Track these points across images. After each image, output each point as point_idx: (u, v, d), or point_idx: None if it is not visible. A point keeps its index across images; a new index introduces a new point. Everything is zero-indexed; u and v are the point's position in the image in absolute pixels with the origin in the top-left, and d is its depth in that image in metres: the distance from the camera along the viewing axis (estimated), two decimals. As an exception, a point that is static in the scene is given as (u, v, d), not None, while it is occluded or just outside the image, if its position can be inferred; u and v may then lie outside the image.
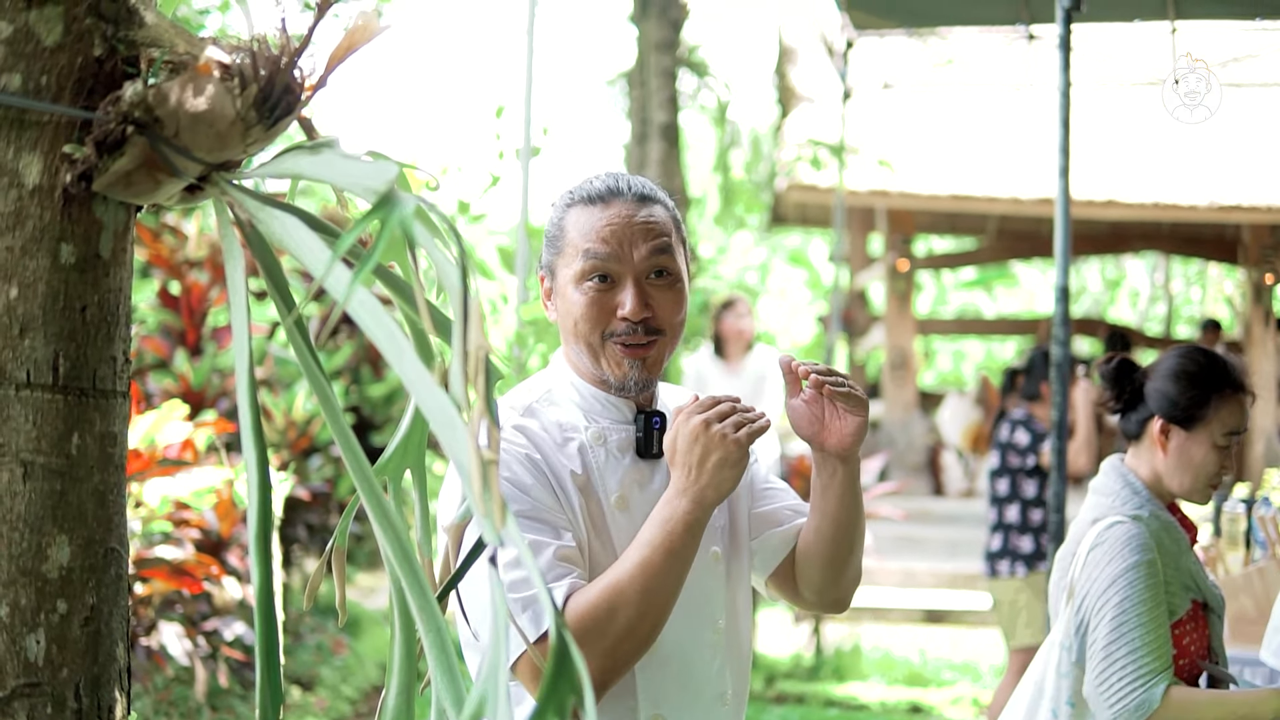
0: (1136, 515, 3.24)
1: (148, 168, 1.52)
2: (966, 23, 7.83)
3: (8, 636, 1.48)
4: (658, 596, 2.19)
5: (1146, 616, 3.12)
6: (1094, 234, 14.95)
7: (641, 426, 2.42)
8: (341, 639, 8.33)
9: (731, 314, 9.27)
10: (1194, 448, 3.29)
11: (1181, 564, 3.24)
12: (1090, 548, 3.24)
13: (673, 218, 2.44)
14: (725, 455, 2.20)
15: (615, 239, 2.34)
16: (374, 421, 9.01)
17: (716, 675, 2.42)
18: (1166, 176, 12.75)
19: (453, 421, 1.29)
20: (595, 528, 2.34)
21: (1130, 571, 3.15)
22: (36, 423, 1.50)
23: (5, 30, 1.48)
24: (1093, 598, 3.19)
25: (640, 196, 2.39)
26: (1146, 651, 3.10)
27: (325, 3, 1.54)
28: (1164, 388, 3.32)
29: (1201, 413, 3.28)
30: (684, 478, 2.21)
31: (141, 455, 4.87)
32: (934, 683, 8.63)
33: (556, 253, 2.41)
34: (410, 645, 1.59)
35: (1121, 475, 3.35)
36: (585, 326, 2.35)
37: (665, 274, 2.37)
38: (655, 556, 2.19)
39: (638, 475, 2.40)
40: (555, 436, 2.37)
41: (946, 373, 25.83)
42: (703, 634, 2.40)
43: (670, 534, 2.20)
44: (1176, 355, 3.38)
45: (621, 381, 2.37)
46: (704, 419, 2.22)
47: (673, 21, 13.37)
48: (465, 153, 8.59)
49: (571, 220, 2.39)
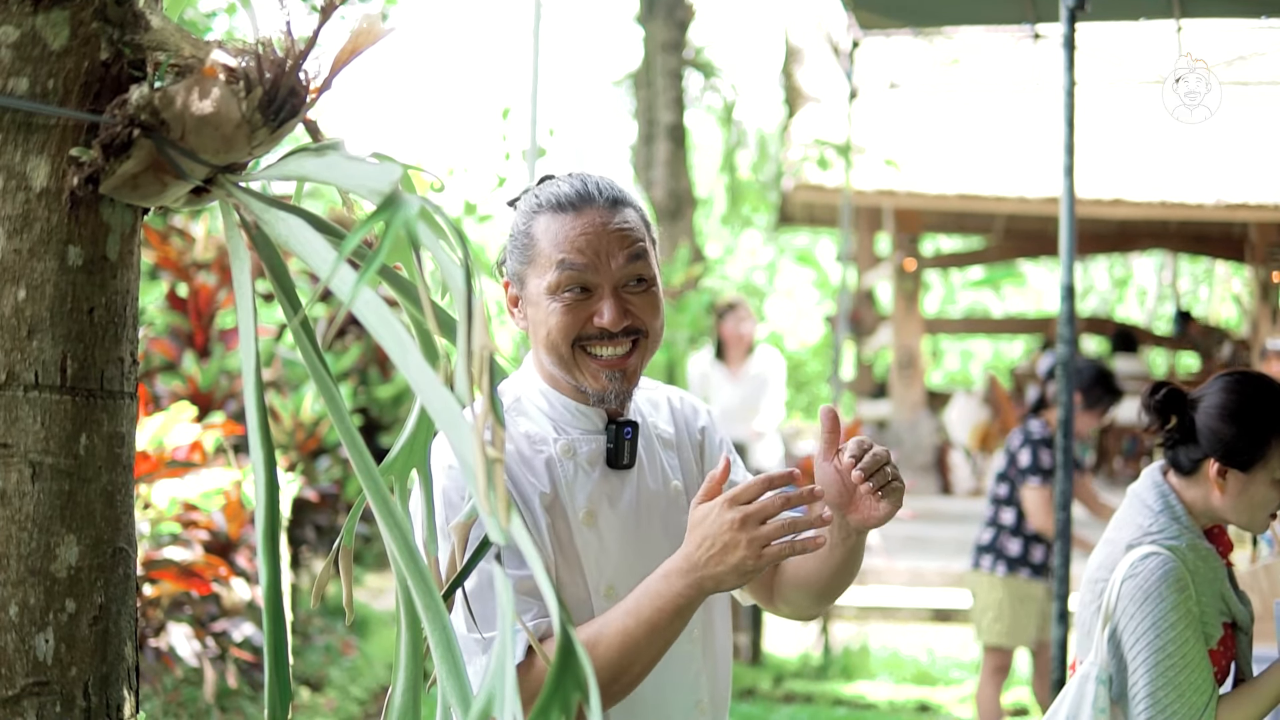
0: (1172, 546, 3.13)
1: (154, 170, 1.53)
2: (972, 22, 7.81)
3: (17, 635, 1.49)
4: (634, 666, 2.15)
5: (1189, 657, 3.04)
6: (1101, 233, 14.95)
7: (612, 436, 2.36)
8: (350, 640, 8.34)
9: (733, 318, 9.27)
10: (1254, 488, 3.16)
11: (1215, 590, 3.15)
12: (1124, 578, 3.13)
13: (643, 219, 2.38)
14: (743, 562, 2.06)
15: (591, 249, 2.28)
16: (382, 423, 9.02)
17: (692, 683, 2.40)
18: (1173, 175, 12.74)
19: (458, 421, 1.30)
20: (561, 546, 2.29)
21: (1169, 614, 3.05)
22: (45, 423, 1.51)
23: (12, 35, 1.49)
24: (1130, 637, 3.10)
25: (612, 200, 2.33)
26: (1193, 691, 3.02)
27: (330, 6, 1.55)
28: (1219, 429, 3.17)
29: (1261, 454, 3.15)
30: (691, 557, 2.10)
31: (150, 457, 4.88)
32: (942, 681, 8.63)
33: (526, 262, 2.34)
34: (416, 643, 1.60)
35: (1163, 496, 3.22)
36: (559, 336, 2.28)
37: (641, 281, 2.31)
38: (639, 631, 2.13)
39: (607, 488, 2.35)
40: (523, 449, 2.32)
41: (955, 372, 25.81)
42: (683, 646, 2.36)
43: (658, 610, 2.12)
44: (1228, 390, 3.22)
45: (601, 394, 2.31)
46: (743, 515, 2.05)
47: (679, 22, 13.39)
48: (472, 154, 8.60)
49: (541, 228, 2.32)
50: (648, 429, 2.46)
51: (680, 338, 10.20)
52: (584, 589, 2.30)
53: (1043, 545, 6.50)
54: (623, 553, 2.33)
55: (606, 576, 2.31)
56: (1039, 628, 6.57)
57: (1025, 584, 6.50)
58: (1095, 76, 11.38)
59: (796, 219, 17.16)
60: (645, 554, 2.33)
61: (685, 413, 2.58)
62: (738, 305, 9.41)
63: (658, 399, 2.56)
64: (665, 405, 2.57)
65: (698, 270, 11.56)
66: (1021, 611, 6.51)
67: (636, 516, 2.37)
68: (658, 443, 2.47)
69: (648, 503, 2.39)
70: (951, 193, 12.94)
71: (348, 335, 8.96)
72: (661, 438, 2.49)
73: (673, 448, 2.50)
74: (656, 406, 2.54)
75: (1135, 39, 9.42)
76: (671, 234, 13.56)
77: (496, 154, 8.87)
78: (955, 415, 13.78)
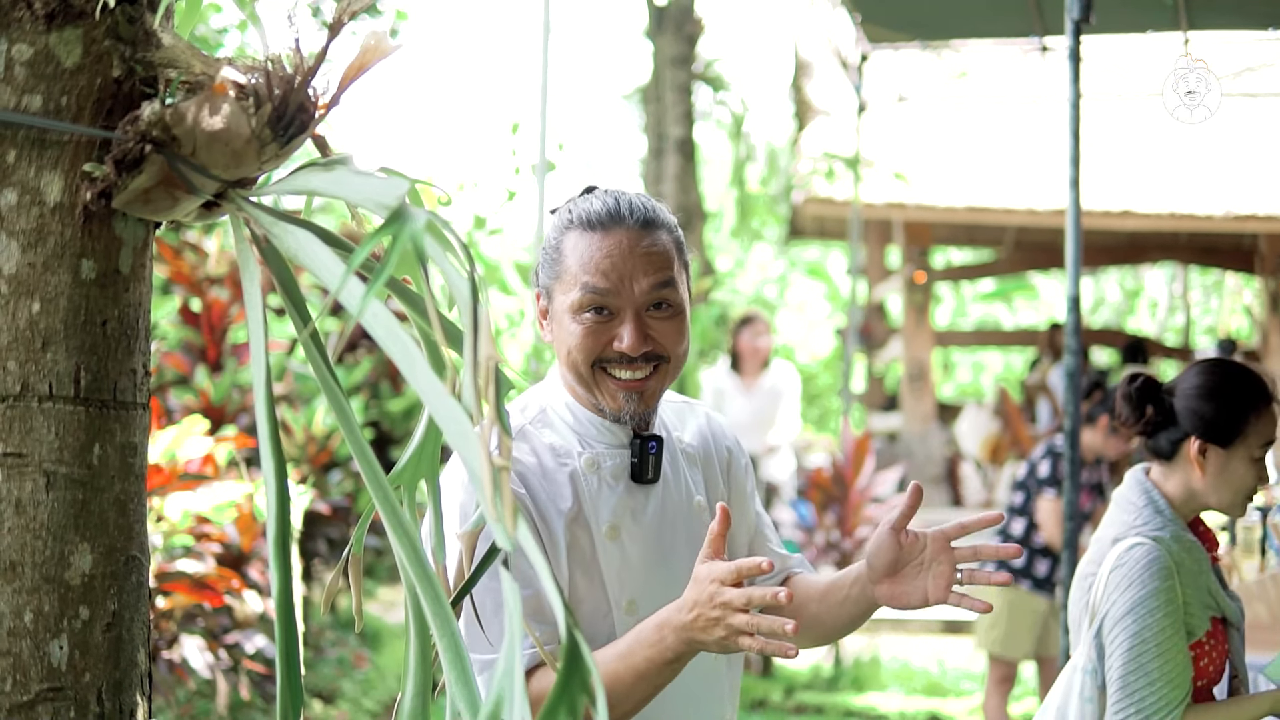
0: (1157, 537, 3.17)
1: (166, 185, 1.55)
2: (980, 35, 7.84)
3: (31, 642, 1.51)
4: (620, 707, 2.14)
5: (1165, 645, 3.06)
6: (1111, 245, 14.93)
7: (637, 451, 2.35)
8: (363, 653, 8.36)
9: (749, 331, 9.29)
10: (1234, 464, 3.23)
11: (1201, 583, 3.19)
12: (1110, 569, 3.18)
13: (675, 241, 2.37)
14: (722, 641, 2.04)
15: (615, 272, 2.26)
16: (394, 436, 9.04)
17: (718, 699, 2.42)
18: (1182, 187, 12.73)
19: (465, 430, 1.32)
20: (584, 561, 2.29)
21: (1149, 599, 3.09)
22: (59, 434, 1.53)
23: (26, 53, 1.52)
24: (1110, 623, 3.14)
25: (643, 222, 2.31)
26: (1165, 683, 3.04)
27: (339, 23, 1.57)
28: (1198, 407, 3.24)
29: (1240, 429, 3.22)
30: (684, 617, 2.07)
31: (163, 470, 4.91)
32: (952, 693, 8.62)
33: (554, 277, 2.33)
34: (425, 650, 1.62)
35: (1145, 491, 3.28)
36: (579, 356, 2.28)
37: (666, 306, 2.30)
38: (628, 677, 2.12)
39: (631, 503, 2.35)
40: (547, 462, 2.32)
41: (966, 384, 25.77)
42: (709, 661, 2.36)
43: (649, 660, 2.11)
44: (1204, 371, 3.30)
45: (617, 415, 2.31)
46: (724, 601, 2.01)
47: (688, 36, 13.41)
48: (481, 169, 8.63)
49: (570, 245, 2.31)
50: (672, 443, 2.46)
51: (691, 351, 10.22)
52: (605, 603, 2.30)
53: (1048, 560, 6.50)
54: (645, 567, 2.33)
55: (629, 591, 2.31)
56: (1037, 640, 6.57)
57: (1025, 596, 6.51)
58: (1103, 89, 11.41)
59: (807, 232, 17.15)
60: (668, 569, 2.34)
61: (713, 430, 2.58)
62: (754, 319, 9.42)
63: (682, 411, 2.56)
64: (692, 420, 2.56)
65: (707, 283, 11.57)
66: (1018, 622, 6.51)
67: (659, 531, 2.37)
68: (682, 457, 2.47)
69: (671, 518, 2.39)
70: (961, 205, 12.94)
71: (359, 349, 8.99)
72: (686, 452, 2.49)
73: (697, 463, 2.50)
74: (683, 420, 2.55)
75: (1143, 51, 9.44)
76: (682, 247, 13.54)
77: (506, 168, 8.90)
78: (966, 427, 13.76)
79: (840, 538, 8.80)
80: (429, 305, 1.42)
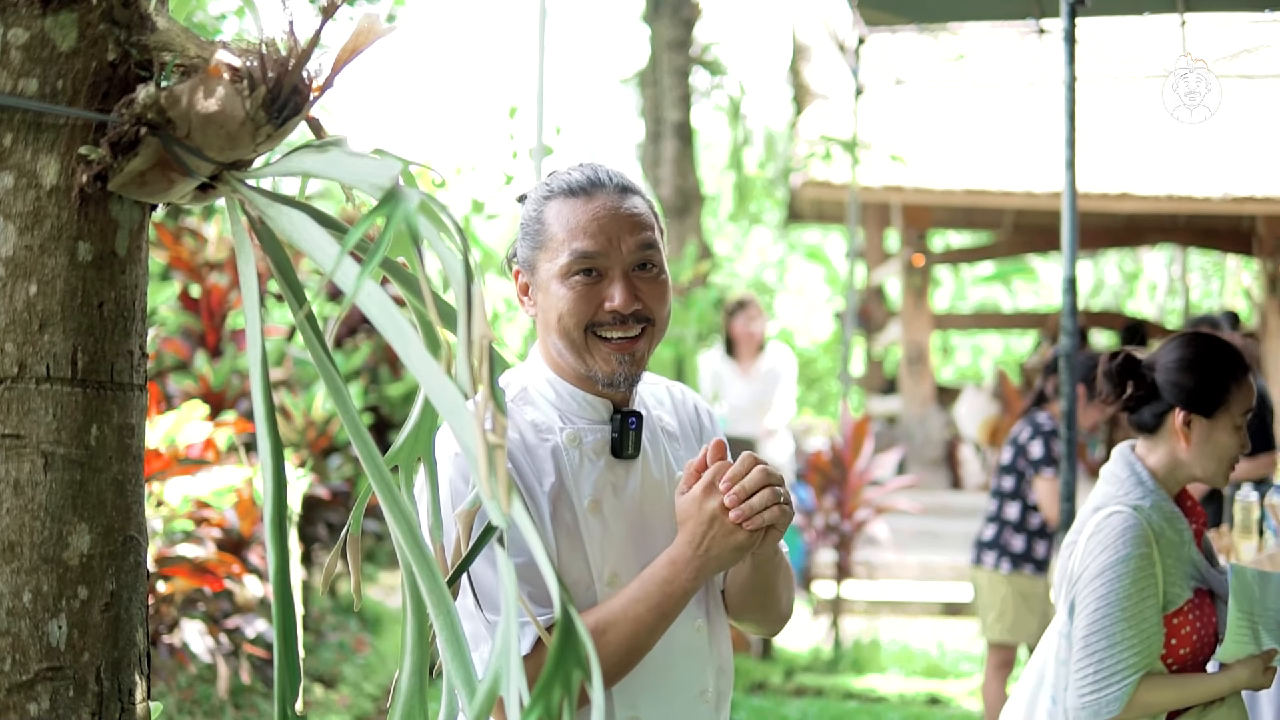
0: (1137, 506, 3.24)
1: (161, 168, 1.56)
2: (978, 18, 7.84)
3: (30, 622, 1.53)
4: (643, 650, 2.26)
5: (1132, 611, 3.12)
6: (1109, 227, 14.93)
7: (617, 426, 2.39)
8: (363, 637, 8.38)
9: (744, 316, 9.30)
10: (1217, 434, 3.31)
11: (1183, 554, 3.24)
12: (1089, 535, 3.25)
13: (651, 209, 2.41)
14: (736, 541, 2.22)
15: (603, 234, 2.30)
16: (393, 421, 9.05)
17: (698, 673, 2.44)
18: (1180, 169, 12.74)
19: (459, 408, 1.33)
20: (568, 534, 2.33)
21: (1120, 564, 3.15)
22: (56, 415, 1.54)
23: (22, 37, 1.53)
24: (1081, 585, 3.21)
25: (621, 187, 2.36)
26: (1126, 647, 3.10)
27: (332, 6, 1.58)
28: (1181, 380, 3.32)
29: (1223, 399, 3.30)
30: (692, 549, 2.23)
31: (162, 455, 4.92)
32: (952, 674, 8.64)
33: (537, 247, 2.36)
34: (422, 628, 1.63)
35: (1129, 464, 3.35)
36: (571, 321, 2.30)
37: (650, 266, 2.34)
38: (649, 616, 2.24)
39: (612, 478, 2.38)
40: (529, 438, 2.35)
41: (965, 367, 25.79)
42: (683, 634, 2.40)
43: (667, 597, 2.24)
44: (1184, 345, 3.38)
45: (610, 378, 2.33)
46: (720, 505, 2.21)
47: (685, 20, 13.41)
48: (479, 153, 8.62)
49: (553, 213, 2.34)
50: (651, 420, 2.49)
51: (689, 334, 10.23)
52: (587, 575, 2.33)
53: (1046, 541, 6.51)
54: (626, 540, 2.37)
55: (610, 563, 2.34)
56: (1041, 624, 6.58)
57: (1028, 581, 6.51)
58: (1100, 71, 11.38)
59: (805, 215, 17.16)
60: (648, 542, 2.37)
61: (686, 406, 2.62)
62: (748, 303, 9.43)
63: (660, 393, 2.59)
64: (668, 398, 2.60)
65: (705, 267, 11.57)
66: (1024, 609, 6.52)
67: (640, 505, 2.40)
68: (662, 434, 2.50)
69: (651, 492, 2.42)
70: (959, 188, 12.95)
71: (358, 334, 9.00)
72: (666, 430, 2.52)
73: (677, 439, 2.54)
74: (660, 400, 2.58)
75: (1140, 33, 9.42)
76: (679, 231, 13.57)
77: (503, 152, 8.90)
78: (965, 410, 13.78)
79: (839, 520, 8.83)
80: (423, 285, 1.42)
